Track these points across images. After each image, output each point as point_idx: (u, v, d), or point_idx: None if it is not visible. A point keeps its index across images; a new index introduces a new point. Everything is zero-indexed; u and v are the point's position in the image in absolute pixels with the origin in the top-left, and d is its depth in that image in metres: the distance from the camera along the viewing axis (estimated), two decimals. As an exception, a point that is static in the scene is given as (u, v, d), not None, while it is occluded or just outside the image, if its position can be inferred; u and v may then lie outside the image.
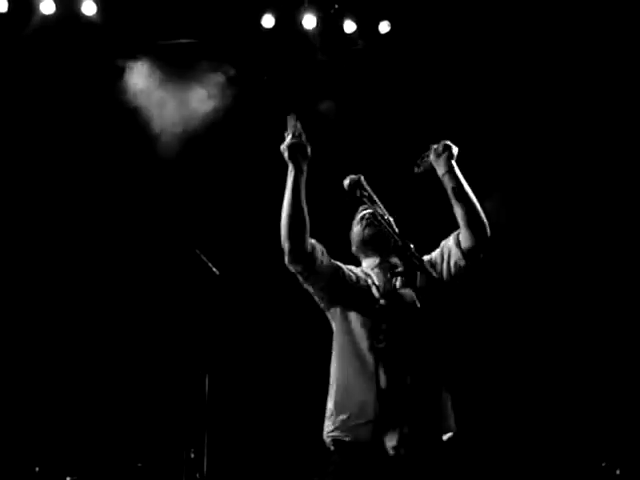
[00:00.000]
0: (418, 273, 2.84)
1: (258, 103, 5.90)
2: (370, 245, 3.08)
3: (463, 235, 2.94)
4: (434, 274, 2.82)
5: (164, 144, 5.69)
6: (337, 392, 2.91)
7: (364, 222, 3.07)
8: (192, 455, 5.03)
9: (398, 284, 2.94)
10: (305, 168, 2.94)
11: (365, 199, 2.98)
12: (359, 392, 2.84)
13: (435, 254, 3.05)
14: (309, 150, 2.94)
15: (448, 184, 2.95)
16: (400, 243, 2.76)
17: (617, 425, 5.51)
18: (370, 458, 2.78)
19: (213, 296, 5.05)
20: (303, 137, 2.94)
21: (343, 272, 3.01)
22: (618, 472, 5.19)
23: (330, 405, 2.92)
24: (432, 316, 2.93)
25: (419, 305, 2.92)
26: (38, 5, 5.55)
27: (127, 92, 5.71)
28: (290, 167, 2.92)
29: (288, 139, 2.91)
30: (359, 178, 3.00)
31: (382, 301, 2.96)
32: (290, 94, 5.76)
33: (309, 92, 5.84)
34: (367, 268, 3.09)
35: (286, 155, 2.91)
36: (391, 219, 2.90)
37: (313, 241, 2.98)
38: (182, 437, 5.18)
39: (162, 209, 5.80)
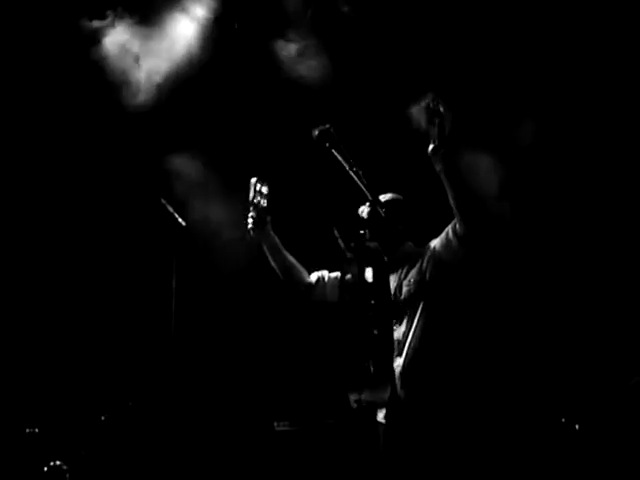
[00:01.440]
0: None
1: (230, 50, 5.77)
2: None
3: (456, 220, 2.93)
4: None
5: (140, 93, 5.54)
6: None
7: None
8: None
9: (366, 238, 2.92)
10: (268, 234, 3.27)
11: (334, 150, 2.94)
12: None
13: (438, 238, 3.06)
14: (268, 219, 3.25)
15: (439, 168, 2.87)
16: (369, 197, 2.73)
17: (576, 381, 5.60)
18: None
19: (178, 246, 5.00)
20: (261, 203, 3.21)
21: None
22: (577, 427, 5.28)
23: None
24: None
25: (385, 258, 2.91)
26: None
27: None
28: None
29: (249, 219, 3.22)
30: (329, 129, 2.96)
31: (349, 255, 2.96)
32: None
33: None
34: None
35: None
36: (360, 172, 2.87)
37: (312, 278, 3.26)
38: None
39: (130, 158, 5.70)
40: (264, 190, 3.22)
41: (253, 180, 3.21)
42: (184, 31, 5.46)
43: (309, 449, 4.71)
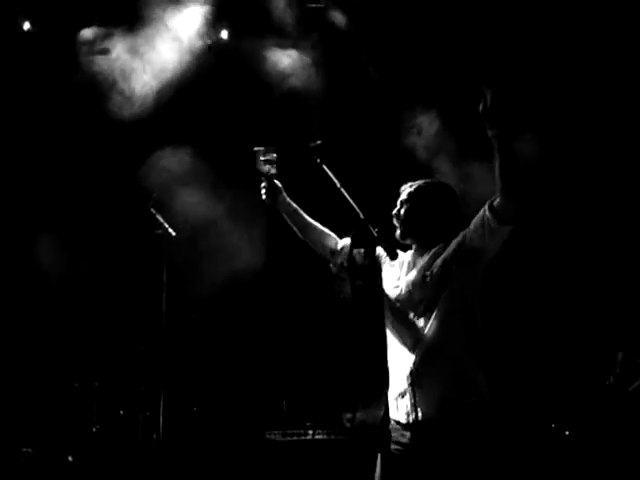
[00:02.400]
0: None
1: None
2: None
3: (498, 195, 2.74)
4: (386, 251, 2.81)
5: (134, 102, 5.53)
6: None
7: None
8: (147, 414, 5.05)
9: (358, 258, 2.91)
10: (283, 201, 3.17)
11: (324, 166, 2.96)
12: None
13: (468, 226, 2.88)
14: (280, 185, 3.16)
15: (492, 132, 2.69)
16: (360, 215, 2.74)
17: (566, 387, 5.63)
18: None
19: (168, 255, 4.98)
20: (270, 171, 3.12)
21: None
22: (567, 433, 5.32)
23: None
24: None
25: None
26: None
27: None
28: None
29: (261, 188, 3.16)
30: (320, 144, 2.98)
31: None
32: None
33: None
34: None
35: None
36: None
37: (339, 245, 3.11)
38: (138, 398, 5.17)
39: (120, 166, 5.69)
40: (271, 157, 3.12)
41: (259, 149, 3.10)
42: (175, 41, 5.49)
43: (301, 460, 4.72)
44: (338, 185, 2.89)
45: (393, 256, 2.75)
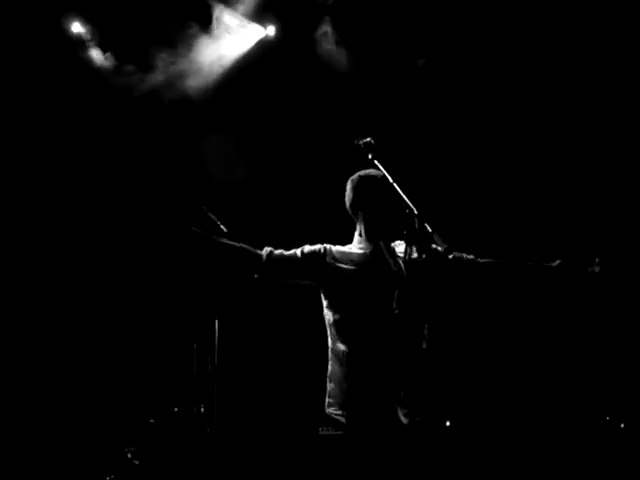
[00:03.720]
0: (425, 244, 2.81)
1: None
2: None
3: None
4: (440, 247, 2.78)
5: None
6: (349, 362, 2.92)
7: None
8: (202, 409, 5.10)
9: (414, 254, 2.91)
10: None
11: (377, 162, 2.96)
12: (371, 361, 2.86)
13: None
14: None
15: None
16: (415, 211, 2.73)
17: (621, 379, 5.56)
18: (383, 427, 2.81)
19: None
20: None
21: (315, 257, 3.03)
22: (622, 426, 5.26)
23: (340, 375, 2.94)
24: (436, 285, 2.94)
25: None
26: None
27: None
28: None
29: None
30: (371, 141, 2.98)
31: (394, 268, 2.97)
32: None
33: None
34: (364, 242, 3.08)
35: None
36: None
37: (264, 251, 3.01)
38: (192, 392, 5.23)
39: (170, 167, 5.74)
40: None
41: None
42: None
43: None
44: (391, 181, 2.89)
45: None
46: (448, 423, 3.82)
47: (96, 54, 5.60)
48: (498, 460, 5.22)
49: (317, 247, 3.05)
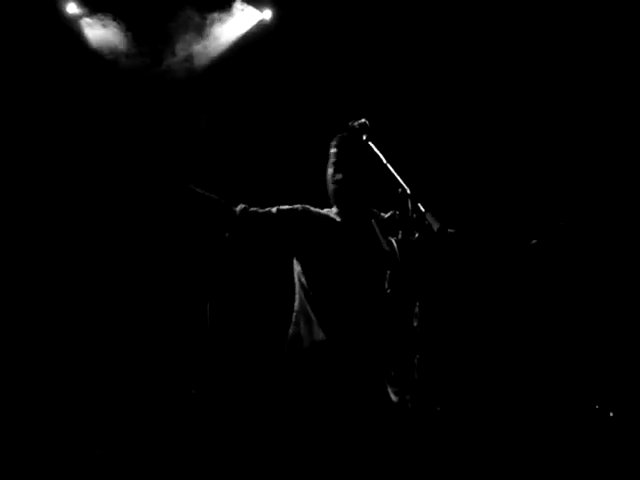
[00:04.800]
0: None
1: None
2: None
3: None
4: (435, 225, 2.78)
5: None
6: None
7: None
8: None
9: (400, 234, 2.92)
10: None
11: (371, 143, 2.97)
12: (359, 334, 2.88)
13: None
14: None
15: None
16: (408, 191, 2.74)
17: (610, 368, 5.58)
18: (371, 403, 2.82)
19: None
20: None
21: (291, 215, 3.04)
22: (611, 414, 5.27)
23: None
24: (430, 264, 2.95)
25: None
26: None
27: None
28: None
29: None
30: (365, 122, 2.99)
31: (387, 248, 2.97)
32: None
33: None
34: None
35: None
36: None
37: (238, 207, 3.03)
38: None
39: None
40: None
41: None
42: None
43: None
44: (384, 161, 2.90)
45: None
46: (438, 408, 3.82)
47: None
48: (487, 446, 5.25)
49: (294, 206, 3.07)
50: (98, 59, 5.54)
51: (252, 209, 3.02)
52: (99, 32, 5.57)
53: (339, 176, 3.08)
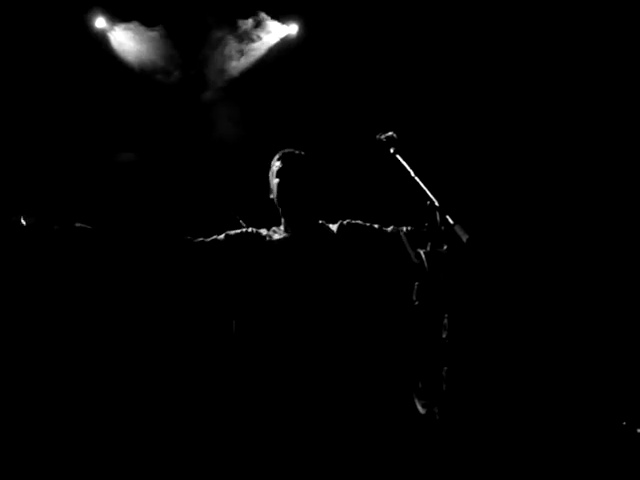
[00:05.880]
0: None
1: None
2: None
3: None
4: (464, 237, 2.78)
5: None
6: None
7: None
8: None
9: (429, 246, 2.92)
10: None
11: (399, 156, 2.99)
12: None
13: None
14: None
15: None
16: (436, 204, 2.74)
17: (637, 384, 5.52)
18: (399, 415, 2.82)
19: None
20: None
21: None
22: (639, 431, 5.21)
23: None
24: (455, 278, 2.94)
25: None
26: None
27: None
28: None
29: None
30: (393, 135, 3.02)
31: (415, 260, 2.98)
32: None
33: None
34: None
35: None
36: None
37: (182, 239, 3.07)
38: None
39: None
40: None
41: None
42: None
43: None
44: (412, 174, 2.91)
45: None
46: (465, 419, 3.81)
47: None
48: (514, 459, 5.20)
49: (242, 229, 3.09)
50: (127, 72, 5.62)
51: (197, 240, 3.04)
52: (128, 45, 5.64)
53: (285, 183, 3.12)
